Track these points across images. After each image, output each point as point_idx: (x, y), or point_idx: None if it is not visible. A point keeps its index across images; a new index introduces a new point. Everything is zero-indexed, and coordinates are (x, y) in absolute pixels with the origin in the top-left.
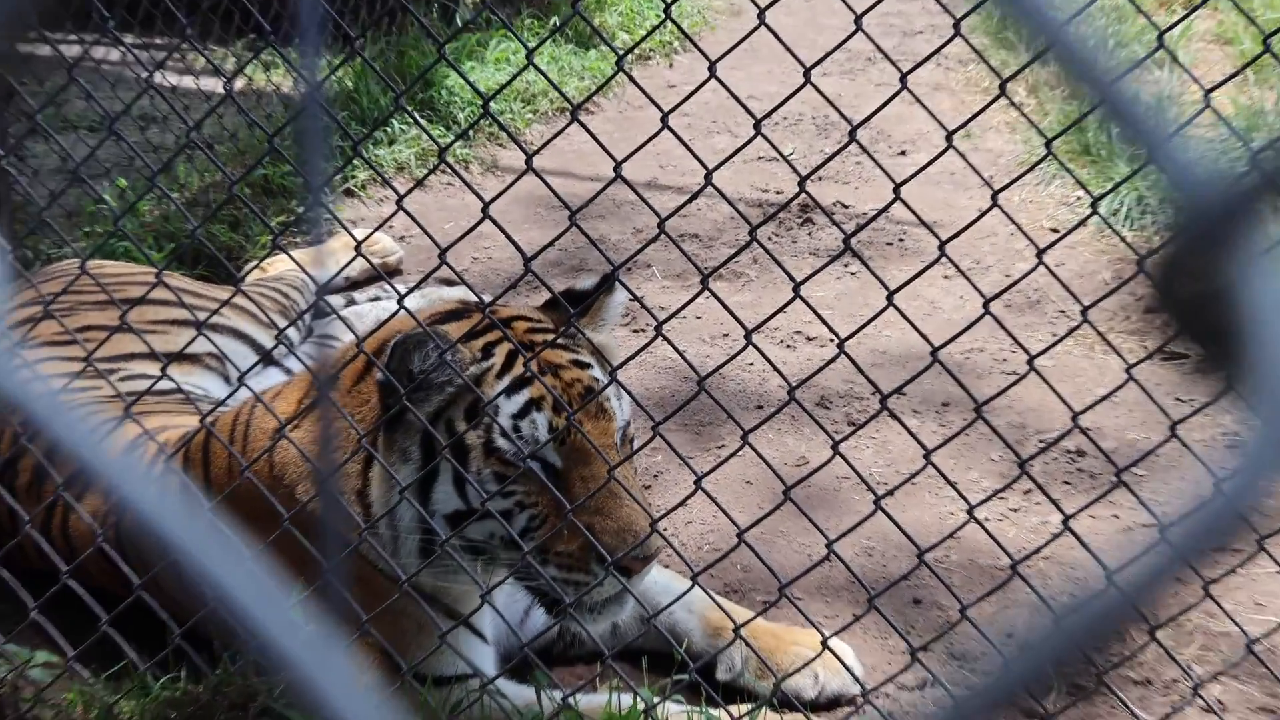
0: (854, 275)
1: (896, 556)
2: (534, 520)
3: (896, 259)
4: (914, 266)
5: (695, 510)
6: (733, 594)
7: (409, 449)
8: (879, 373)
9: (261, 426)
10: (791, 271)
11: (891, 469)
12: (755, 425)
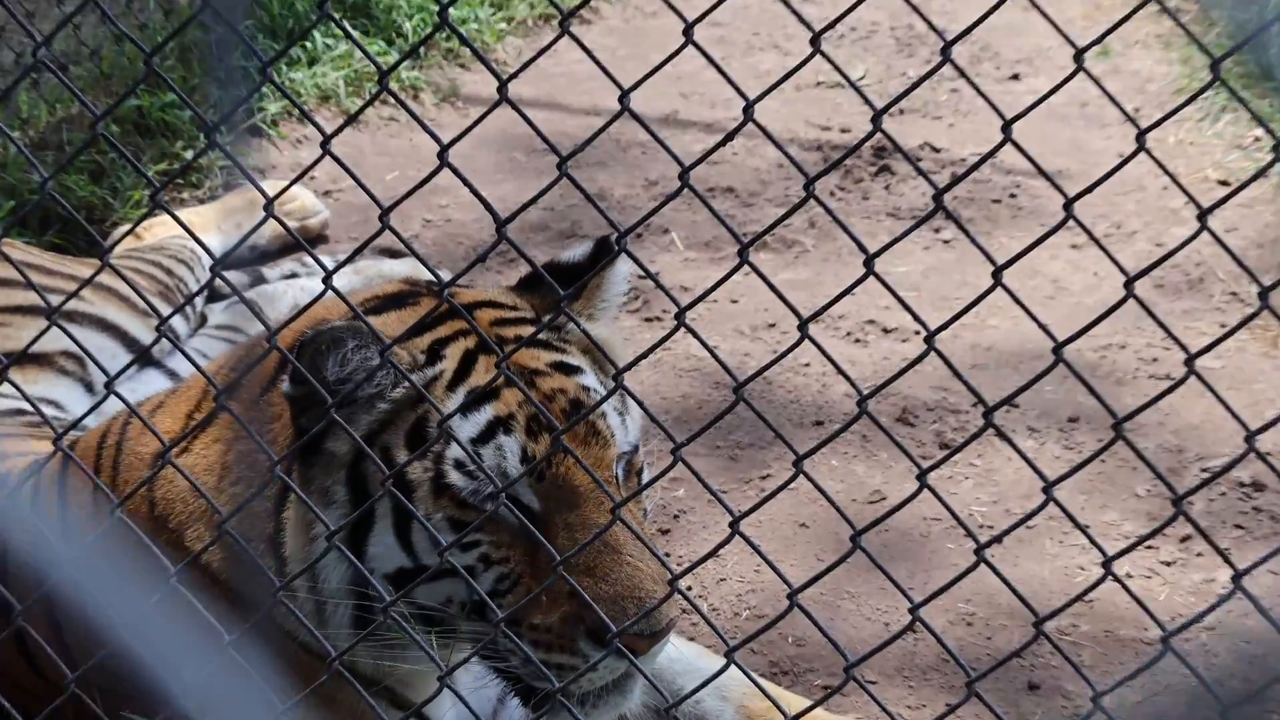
0: (948, 244)
1: (1006, 626)
2: (503, 582)
3: (1006, 222)
4: (1031, 233)
5: (731, 563)
6: (782, 676)
7: (330, 488)
8: (982, 377)
9: (138, 450)
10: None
11: (999, 508)
12: (813, 449)
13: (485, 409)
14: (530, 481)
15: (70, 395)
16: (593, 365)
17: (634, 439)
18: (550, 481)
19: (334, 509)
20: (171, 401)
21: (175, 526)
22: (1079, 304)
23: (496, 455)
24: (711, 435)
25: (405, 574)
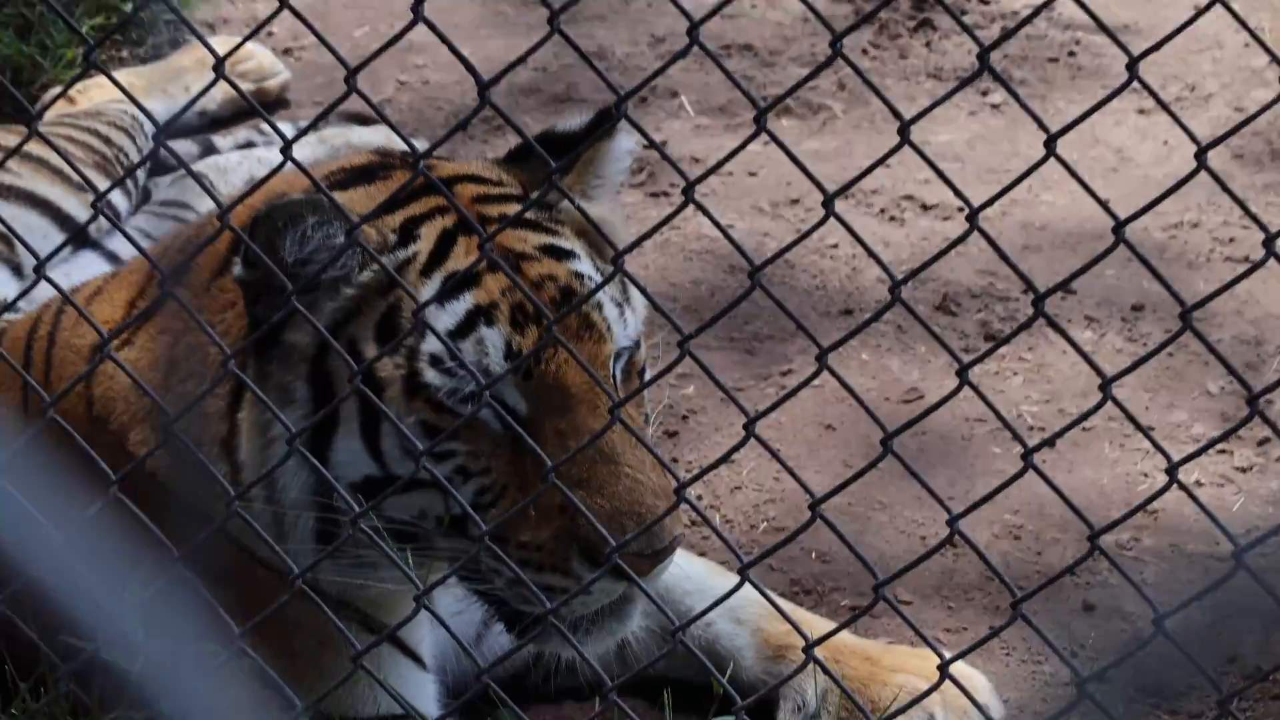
0: (997, 110)
1: (1058, 540)
2: (485, 494)
3: (1064, 84)
4: (1091, 96)
5: (747, 470)
6: (805, 596)
7: (290, 385)
8: (1034, 260)
9: (73, 343)
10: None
11: (1051, 407)
12: (840, 341)
13: (465, 297)
14: (516, 380)
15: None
16: (588, 250)
17: (635, 334)
18: (539, 380)
19: (294, 409)
20: (111, 287)
21: (117, 429)
22: (1146, 177)
23: (477, 350)
24: (725, 326)
25: (374, 484)
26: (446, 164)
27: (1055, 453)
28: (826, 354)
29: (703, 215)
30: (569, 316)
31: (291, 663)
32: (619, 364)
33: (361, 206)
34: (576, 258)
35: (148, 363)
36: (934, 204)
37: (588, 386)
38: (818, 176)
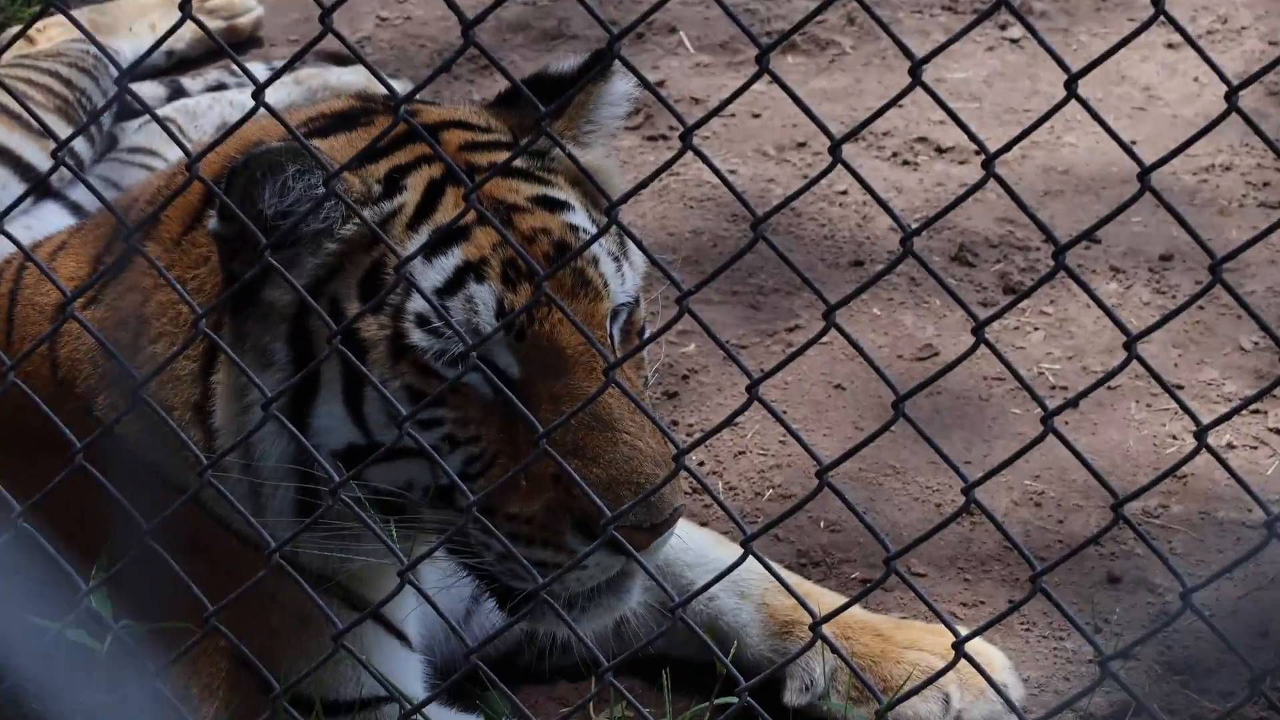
0: (1016, 45)
1: (1081, 508)
2: (474, 464)
3: (1087, 16)
4: (1117, 30)
5: (751, 433)
6: (813, 568)
7: (269, 347)
8: (1056, 206)
9: (36, 301)
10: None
11: (1075, 365)
12: (849, 296)
13: (453, 252)
14: (508, 340)
15: None
16: (583, 200)
17: (633, 290)
18: (532, 342)
19: (273, 372)
20: (76, 241)
21: (83, 392)
22: (1175, 116)
23: (466, 308)
24: (729, 279)
25: (357, 452)
26: (432, 109)
27: (1078, 414)
28: (834, 310)
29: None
30: (564, 273)
31: (269, 642)
32: (616, 323)
33: (342, 155)
34: (571, 209)
35: (115, 322)
36: (949, 146)
37: (584, 348)
38: (826, 117)
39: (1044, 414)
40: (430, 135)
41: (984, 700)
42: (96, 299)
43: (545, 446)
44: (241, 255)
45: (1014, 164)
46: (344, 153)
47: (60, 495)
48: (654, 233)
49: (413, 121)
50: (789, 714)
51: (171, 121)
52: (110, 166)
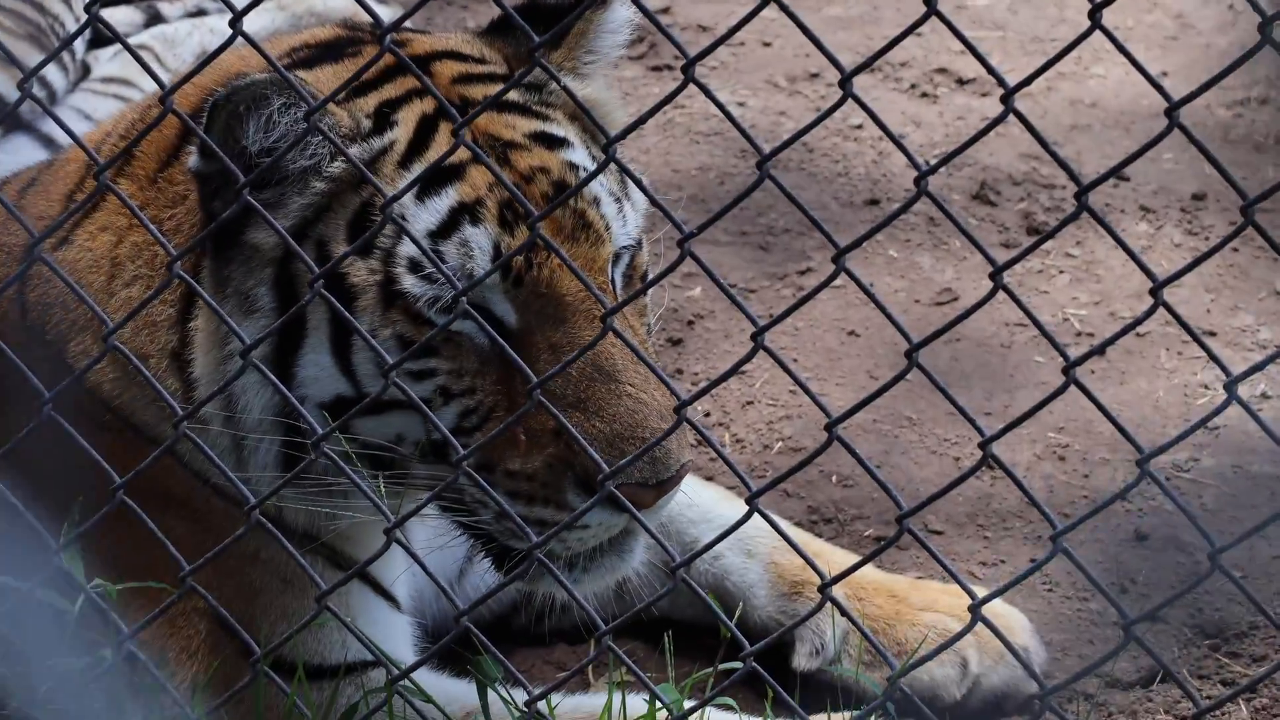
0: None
1: (1108, 461)
2: (469, 417)
3: None
4: None
5: (760, 382)
6: (825, 525)
7: (252, 293)
8: (1083, 141)
9: (3, 241)
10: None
11: (1102, 310)
12: (863, 237)
13: (447, 192)
14: (505, 286)
15: None
16: (582, 136)
17: (635, 233)
18: (529, 288)
19: (256, 318)
20: (47, 178)
21: (54, 338)
22: (1208, 46)
23: (461, 252)
24: (737, 219)
25: (345, 404)
26: (422, 38)
27: (1105, 361)
28: (844, 254)
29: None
30: (563, 215)
31: (250, 603)
32: (619, 267)
33: (328, 88)
34: (570, 146)
35: (88, 264)
36: (971, 78)
37: (584, 294)
38: (840, 46)
39: (1065, 365)
40: (421, 67)
41: (1004, 664)
42: (68, 240)
43: (539, 397)
44: (223, 194)
45: (1039, 97)
46: (330, 85)
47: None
48: (658, 169)
49: (400, 53)
50: (798, 679)
51: (148, 50)
52: (83, 97)
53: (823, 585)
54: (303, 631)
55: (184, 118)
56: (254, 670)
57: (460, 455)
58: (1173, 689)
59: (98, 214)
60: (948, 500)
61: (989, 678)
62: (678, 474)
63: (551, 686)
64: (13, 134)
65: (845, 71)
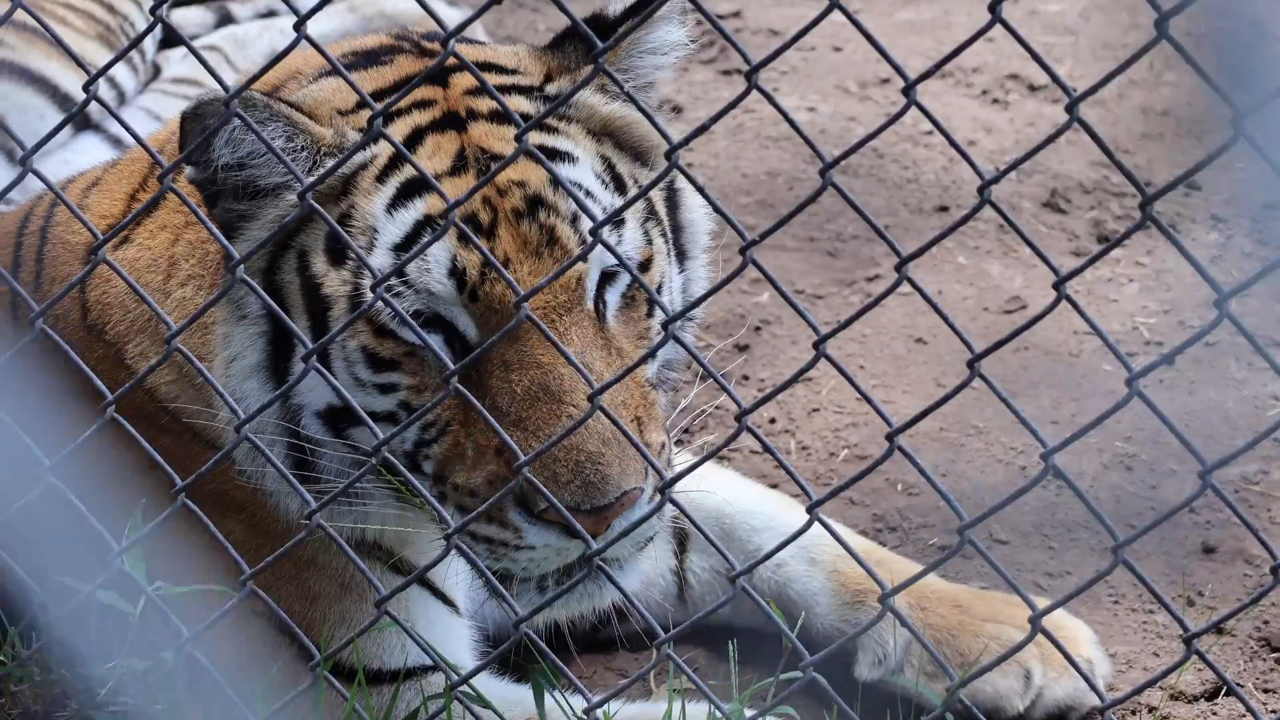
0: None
1: (1175, 473)
2: (429, 430)
3: None
4: None
5: (827, 389)
6: (889, 533)
7: (243, 300)
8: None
9: (67, 239)
10: None
11: (1170, 319)
12: (926, 245)
13: (415, 205)
14: (463, 300)
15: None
16: (599, 152)
17: (634, 252)
18: (485, 303)
19: (247, 325)
20: (111, 178)
21: (113, 338)
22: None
23: (419, 265)
24: (806, 225)
25: (336, 413)
26: (464, 48)
27: (1174, 371)
28: (906, 263)
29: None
30: (530, 229)
31: (308, 608)
32: (614, 287)
33: (323, 101)
34: (572, 161)
35: (146, 263)
36: (1042, 84)
37: (541, 312)
38: (910, 51)
39: (1129, 376)
40: (441, 77)
41: (1068, 676)
42: (128, 239)
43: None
44: (221, 203)
45: (1110, 104)
46: (340, 95)
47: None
48: (726, 173)
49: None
50: (860, 689)
51: (217, 50)
52: (152, 98)
53: (884, 595)
54: (362, 636)
55: (246, 120)
56: (314, 674)
57: (379, 442)
58: (1237, 703)
59: (157, 212)
60: (1013, 510)
61: (1052, 690)
62: (617, 502)
63: (610, 694)
64: (82, 134)
65: (908, 79)
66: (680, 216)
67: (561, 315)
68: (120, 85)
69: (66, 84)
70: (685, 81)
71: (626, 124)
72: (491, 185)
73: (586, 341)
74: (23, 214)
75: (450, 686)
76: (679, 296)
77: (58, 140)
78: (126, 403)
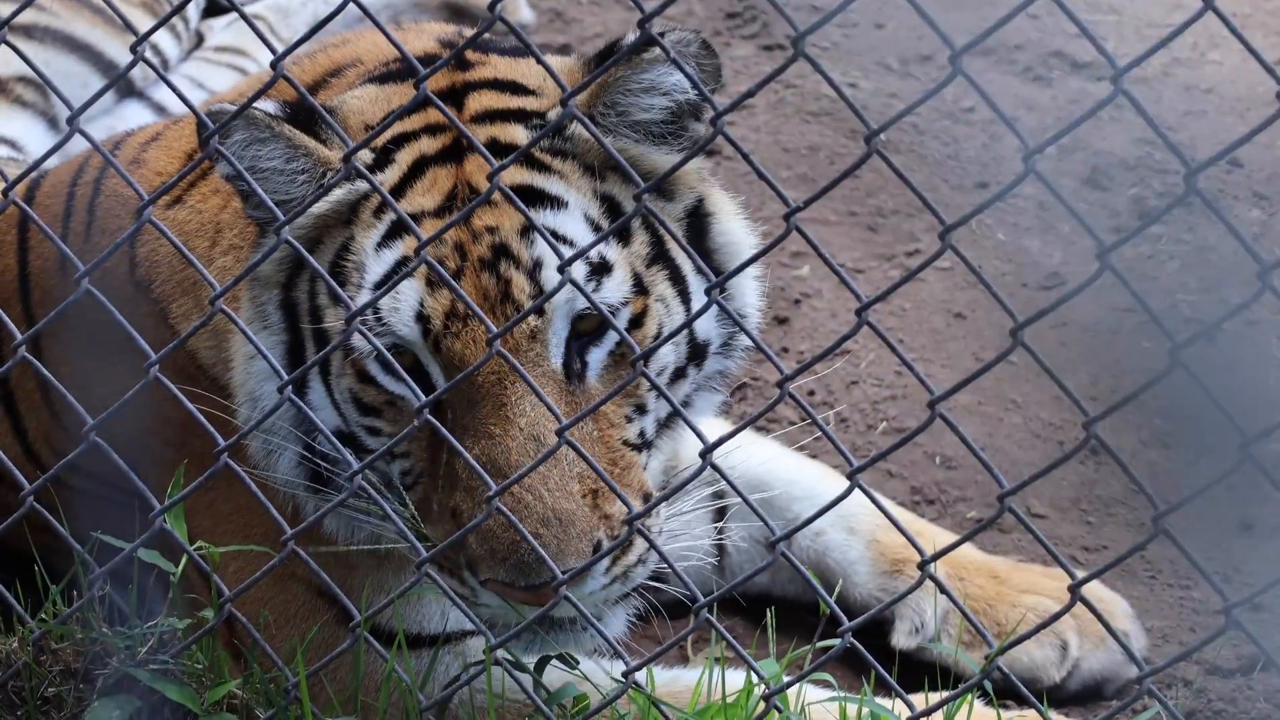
0: None
1: (1213, 451)
2: (407, 476)
3: None
4: None
5: (866, 362)
6: (927, 506)
7: (265, 307)
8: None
9: (120, 192)
10: None
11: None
12: (969, 214)
13: (397, 244)
14: (429, 347)
15: (30, 132)
16: (600, 193)
17: (617, 301)
18: (447, 358)
19: (269, 333)
20: (172, 134)
21: (159, 296)
22: None
23: (390, 305)
24: (846, 199)
25: (342, 437)
26: (497, 61)
27: (1215, 349)
28: (950, 231)
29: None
30: (489, 281)
31: (347, 575)
32: (599, 347)
33: (356, 112)
34: (555, 206)
35: (196, 226)
36: (1086, 62)
37: (495, 378)
38: (954, 28)
39: (1171, 347)
40: (458, 97)
41: (1103, 649)
42: (181, 200)
43: (426, 415)
44: (249, 200)
45: (1154, 82)
46: (360, 109)
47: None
48: (767, 147)
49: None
50: (896, 658)
51: (261, 20)
52: (196, 66)
53: (923, 562)
54: (402, 601)
55: (295, 83)
56: (354, 635)
57: (354, 469)
58: (1274, 678)
59: (212, 176)
60: (1051, 484)
61: (1088, 661)
62: (549, 583)
63: (649, 658)
64: (126, 100)
65: (954, 48)
66: (711, 241)
67: (514, 381)
68: (164, 53)
69: (111, 51)
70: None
71: (631, 158)
72: (466, 229)
73: (540, 412)
74: (77, 165)
75: (490, 648)
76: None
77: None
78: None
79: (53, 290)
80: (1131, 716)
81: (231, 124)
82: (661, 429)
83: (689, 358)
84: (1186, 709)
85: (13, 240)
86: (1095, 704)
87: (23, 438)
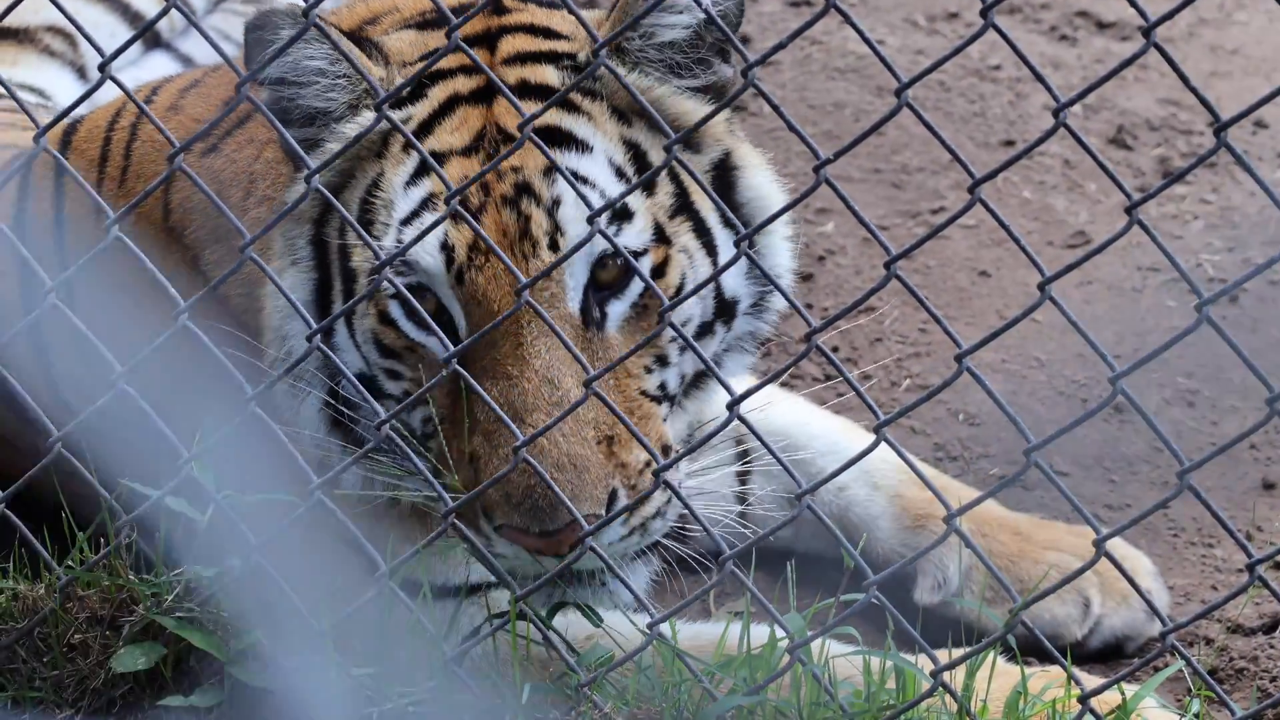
0: None
1: (1238, 409)
2: (428, 424)
3: None
4: None
5: (890, 319)
6: (950, 462)
7: (296, 242)
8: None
9: (156, 138)
10: None
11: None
12: (998, 168)
13: (424, 182)
14: (450, 280)
15: (59, 82)
16: (626, 139)
17: (638, 243)
18: (469, 290)
19: (299, 269)
20: (211, 81)
21: (191, 243)
22: None
23: (417, 243)
24: (870, 155)
25: (365, 380)
26: (533, 9)
27: (1238, 308)
28: (979, 184)
29: (849, 29)
30: (509, 217)
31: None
32: (620, 299)
33: (395, 53)
34: (579, 148)
35: (230, 176)
36: (1111, 21)
37: (515, 316)
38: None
39: (1198, 303)
40: (491, 40)
41: (1126, 607)
42: (216, 148)
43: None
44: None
45: (1180, 42)
46: (412, 51)
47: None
48: (793, 104)
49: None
50: (919, 613)
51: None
52: (223, 17)
53: (949, 516)
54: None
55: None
56: (379, 585)
57: (382, 419)
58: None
59: (249, 124)
60: (1074, 441)
61: (1110, 619)
62: (566, 528)
63: (672, 610)
64: (153, 52)
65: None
66: (738, 195)
67: (530, 321)
68: (190, 3)
69: (138, 2)
70: (754, 12)
71: (656, 100)
72: (497, 168)
73: (556, 354)
74: (115, 109)
75: (516, 599)
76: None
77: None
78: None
79: (83, 240)
80: (1153, 673)
81: (280, 19)
82: (688, 389)
83: (716, 313)
84: (1208, 666)
85: (48, 189)
86: (1116, 662)
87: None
